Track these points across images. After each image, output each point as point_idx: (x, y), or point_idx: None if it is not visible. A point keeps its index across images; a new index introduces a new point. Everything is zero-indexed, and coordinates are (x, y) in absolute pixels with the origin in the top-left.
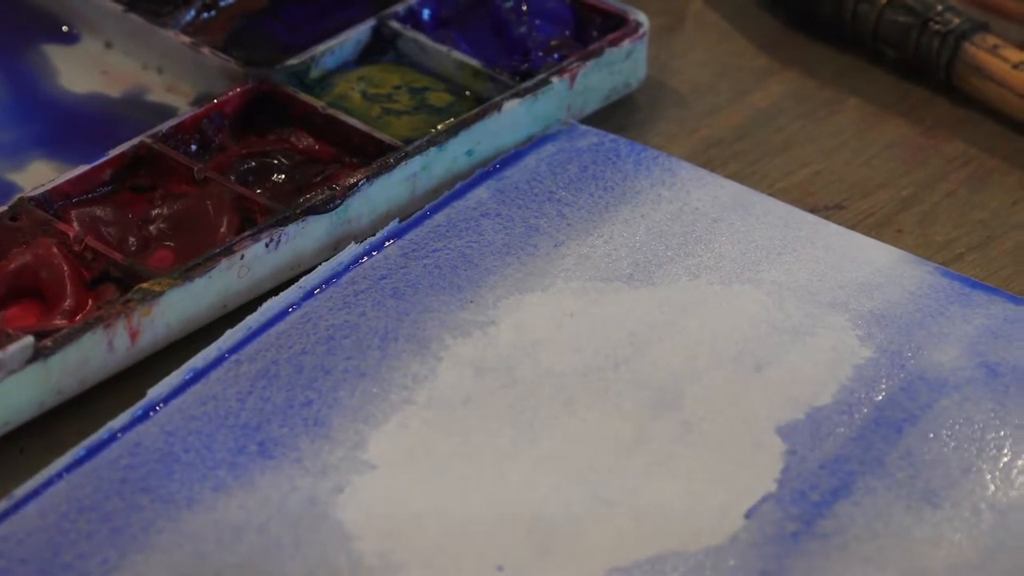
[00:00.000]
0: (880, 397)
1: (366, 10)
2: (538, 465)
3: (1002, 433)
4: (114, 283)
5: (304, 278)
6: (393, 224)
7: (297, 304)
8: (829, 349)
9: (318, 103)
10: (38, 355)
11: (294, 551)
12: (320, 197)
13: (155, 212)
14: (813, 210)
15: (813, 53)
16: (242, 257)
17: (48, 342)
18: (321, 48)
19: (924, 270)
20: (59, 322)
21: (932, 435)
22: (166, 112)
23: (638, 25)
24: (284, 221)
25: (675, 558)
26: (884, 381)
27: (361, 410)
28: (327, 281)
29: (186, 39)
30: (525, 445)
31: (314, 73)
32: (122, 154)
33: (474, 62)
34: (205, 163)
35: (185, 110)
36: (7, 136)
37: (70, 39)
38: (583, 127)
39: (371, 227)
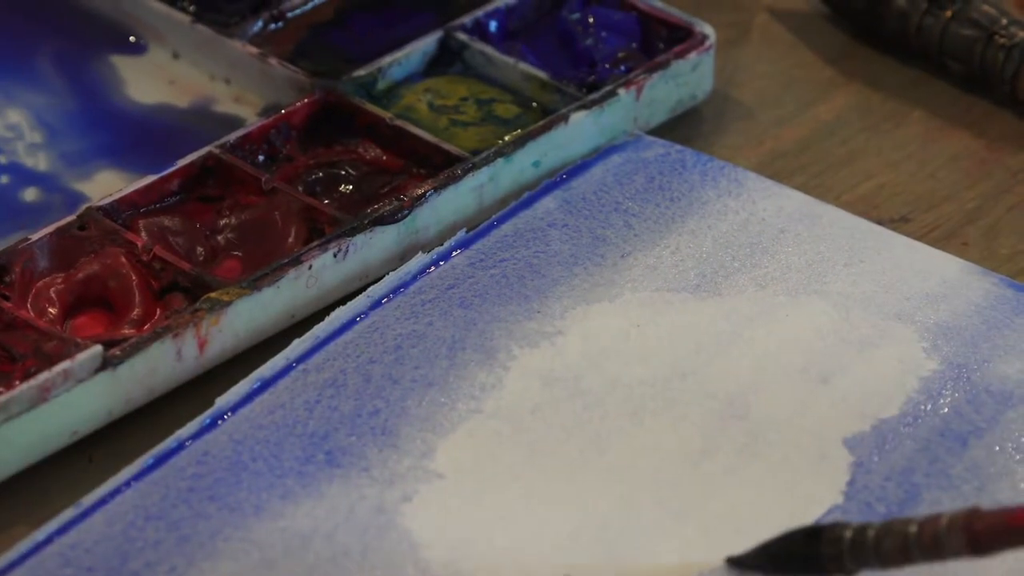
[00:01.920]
0: (946, 409)
1: (433, 22)
2: (605, 475)
3: None
4: (182, 293)
5: (372, 288)
6: (460, 234)
7: (365, 314)
8: (895, 361)
9: (385, 114)
10: (107, 364)
11: (361, 560)
12: (388, 207)
13: (223, 222)
14: (878, 222)
15: (877, 66)
16: (310, 267)
17: (117, 351)
18: (388, 60)
19: (990, 282)
20: (127, 331)
21: (998, 448)
22: (233, 123)
23: (704, 37)
24: (352, 231)
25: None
26: (950, 393)
27: (429, 419)
28: (395, 291)
29: (253, 50)
30: (592, 455)
31: (381, 84)
32: (190, 164)
33: (541, 74)
34: (273, 174)
35: (252, 121)
36: (75, 146)
37: (137, 49)
38: (649, 138)
39: (438, 237)
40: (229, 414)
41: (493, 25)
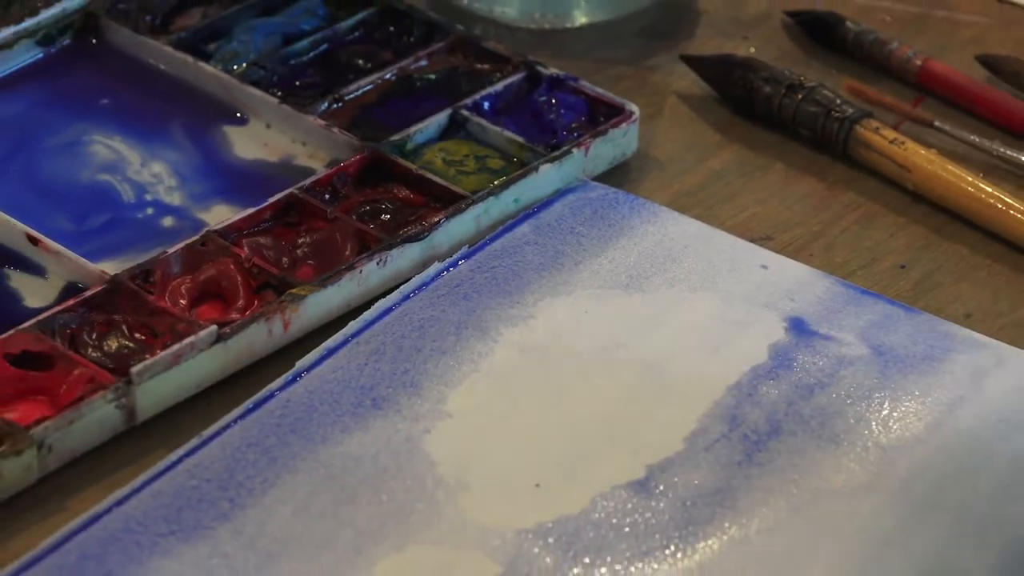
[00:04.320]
0: (799, 370)
1: (445, 103)
2: (564, 415)
3: (883, 393)
4: (272, 290)
5: (403, 286)
6: (464, 249)
7: (398, 304)
8: (764, 336)
9: (412, 166)
10: (220, 339)
11: (396, 473)
12: (414, 231)
13: (301, 241)
14: (752, 240)
15: (751, 133)
16: (360, 272)
17: (227, 330)
18: (414, 129)
19: (829, 282)
20: (234, 316)
21: (835, 395)
22: (308, 172)
23: (632, 113)
24: (389, 247)
25: (657, 478)
26: (801, 358)
27: (442, 377)
28: (418, 288)
29: (322, 122)
30: (555, 401)
31: (409, 146)
32: (278, 201)
33: (519, 138)
34: (335, 207)
35: (321, 171)
36: (199, 188)
37: (242, 122)
38: (594, 183)
39: (449, 251)
40: (305, 373)
41: (486, 105)
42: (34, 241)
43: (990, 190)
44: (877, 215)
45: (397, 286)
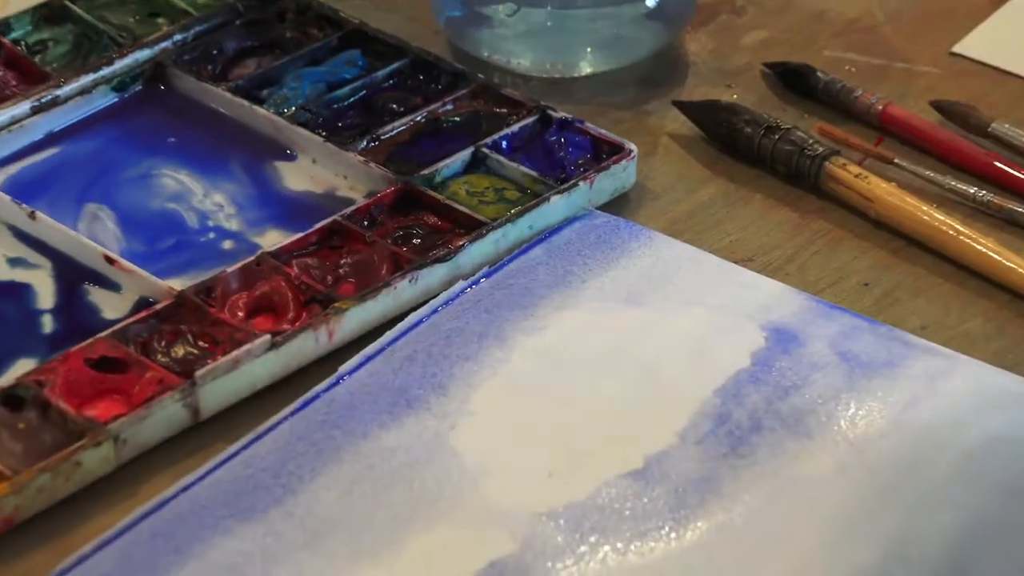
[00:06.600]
0: (776, 374)
1: (468, 142)
2: (574, 412)
3: (850, 394)
4: (318, 304)
5: (432, 301)
6: (485, 269)
7: (427, 316)
8: (746, 344)
9: (440, 197)
10: (272, 347)
11: (425, 464)
12: (441, 253)
13: (343, 262)
14: (735, 261)
15: (734, 168)
16: (395, 288)
17: (279, 339)
18: (441, 164)
19: (802, 297)
20: (285, 327)
21: (808, 396)
22: (349, 202)
23: (631, 151)
24: (420, 267)
25: (654, 468)
26: (778, 363)
27: (467, 380)
28: (445, 303)
29: (361, 158)
30: (565, 399)
31: (437, 179)
32: (323, 227)
33: (533, 173)
34: (373, 232)
35: (360, 201)
36: (254, 216)
37: (291, 158)
38: (598, 212)
39: (472, 271)
40: (347, 376)
41: (504, 144)
42: (111, 261)
43: (942, 218)
44: (844, 240)
45: (426, 301)
